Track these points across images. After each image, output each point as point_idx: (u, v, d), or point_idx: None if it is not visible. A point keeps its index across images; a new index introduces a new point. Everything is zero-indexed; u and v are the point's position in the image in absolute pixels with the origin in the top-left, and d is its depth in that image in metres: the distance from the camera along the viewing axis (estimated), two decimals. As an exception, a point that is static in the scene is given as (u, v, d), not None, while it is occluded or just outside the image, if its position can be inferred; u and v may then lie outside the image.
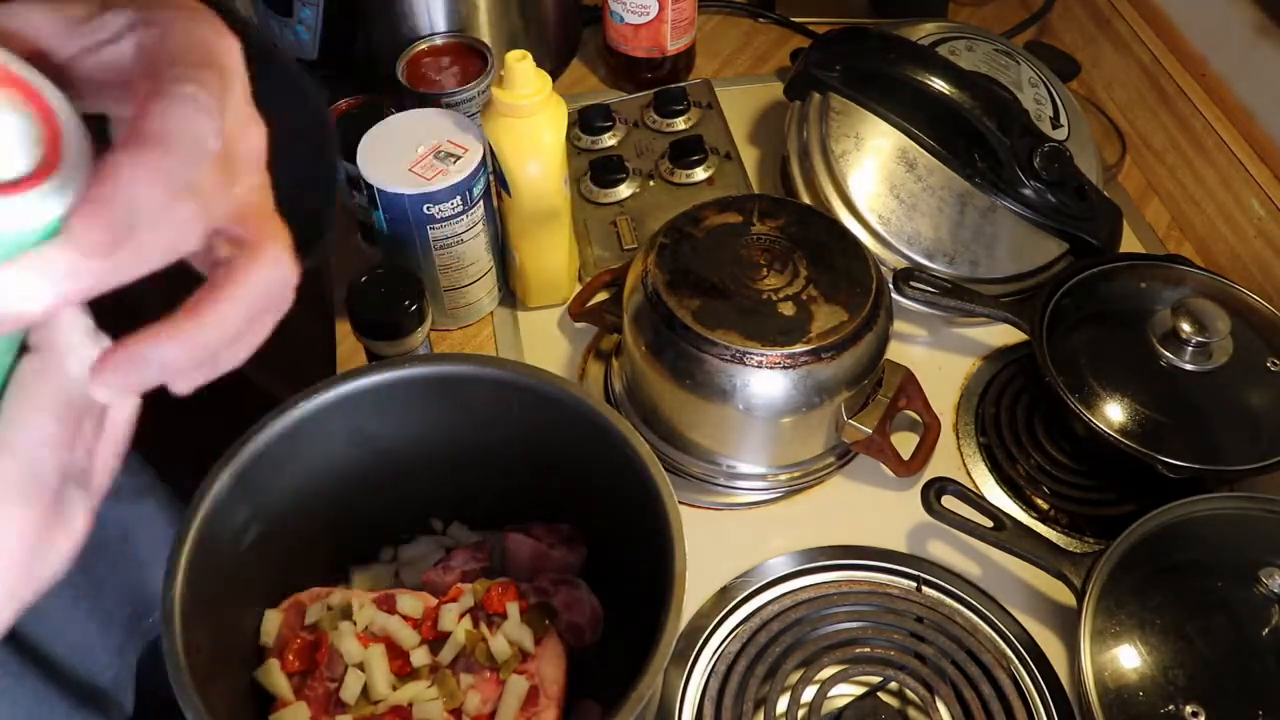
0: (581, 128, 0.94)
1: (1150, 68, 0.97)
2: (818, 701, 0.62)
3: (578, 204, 0.89)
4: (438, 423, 0.60)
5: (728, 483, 0.74)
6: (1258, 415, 0.73)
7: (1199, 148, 0.91)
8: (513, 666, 0.56)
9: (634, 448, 0.53)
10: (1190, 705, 0.59)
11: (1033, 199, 0.81)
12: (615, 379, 0.79)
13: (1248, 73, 0.89)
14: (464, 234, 0.77)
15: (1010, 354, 0.83)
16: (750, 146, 0.98)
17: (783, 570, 0.69)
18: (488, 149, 0.75)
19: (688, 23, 0.99)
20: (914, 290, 0.79)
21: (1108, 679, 0.61)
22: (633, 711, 0.45)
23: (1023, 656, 0.66)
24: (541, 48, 1.01)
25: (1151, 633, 0.62)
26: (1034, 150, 0.80)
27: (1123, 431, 0.70)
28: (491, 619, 0.58)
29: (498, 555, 0.64)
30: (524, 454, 0.60)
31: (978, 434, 0.78)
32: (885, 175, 0.82)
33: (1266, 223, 0.85)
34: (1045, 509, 0.74)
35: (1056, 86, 0.90)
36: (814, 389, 0.68)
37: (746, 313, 0.68)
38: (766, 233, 0.72)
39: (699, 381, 0.68)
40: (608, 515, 0.58)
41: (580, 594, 0.60)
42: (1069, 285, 0.78)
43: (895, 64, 0.82)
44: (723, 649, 0.65)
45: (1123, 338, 0.75)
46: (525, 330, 0.84)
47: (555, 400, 0.56)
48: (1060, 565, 0.65)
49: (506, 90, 0.71)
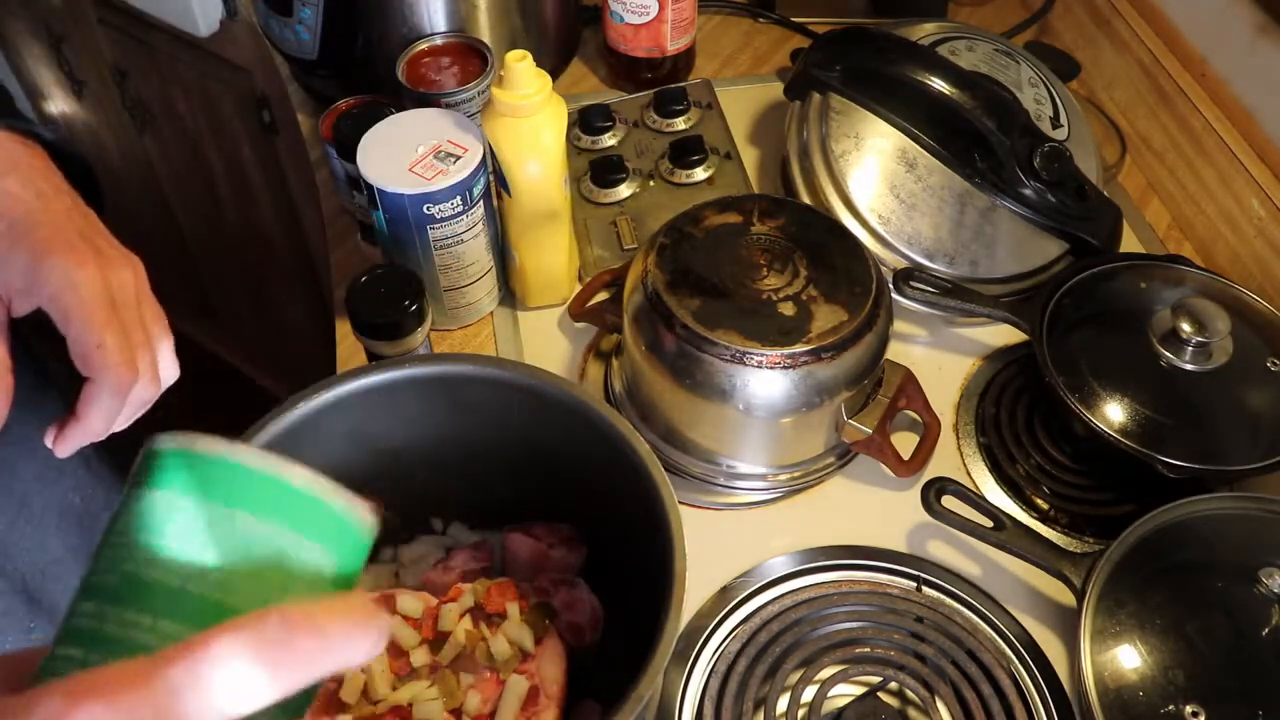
0: (581, 128, 0.94)
1: (1150, 68, 0.97)
2: (818, 701, 0.62)
3: (578, 204, 0.89)
4: (438, 423, 0.60)
5: (728, 483, 0.74)
6: (1258, 415, 0.73)
7: (1199, 148, 0.91)
8: (513, 666, 0.56)
9: (634, 448, 0.53)
10: (1190, 705, 0.59)
11: (1033, 199, 0.81)
12: (615, 379, 0.79)
13: (1248, 73, 0.89)
14: (464, 234, 0.77)
15: (1010, 354, 0.83)
16: (750, 146, 0.98)
17: (783, 570, 0.69)
18: (488, 149, 0.75)
19: (688, 23, 0.99)
20: (914, 290, 0.78)
21: (1108, 679, 0.61)
22: (633, 711, 0.45)
23: (1023, 656, 0.66)
24: (541, 48, 1.01)
25: (1151, 633, 0.62)
26: (1034, 150, 0.80)
27: (1123, 431, 0.70)
28: (491, 619, 0.58)
29: (498, 555, 0.64)
30: (524, 454, 0.60)
31: (978, 434, 0.78)
32: (885, 175, 0.82)
33: (1266, 223, 0.85)
34: (1045, 509, 0.74)
35: (1056, 86, 0.90)
36: (814, 389, 0.68)
37: (746, 313, 0.68)
38: (766, 233, 0.72)
39: (699, 381, 0.68)
40: (608, 515, 0.58)
41: (580, 594, 0.60)
42: (1069, 285, 0.78)
43: (895, 64, 0.82)
44: (723, 649, 0.65)
45: (1123, 338, 0.75)
46: (525, 330, 0.84)
47: (555, 400, 0.56)
48: (1060, 565, 0.65)
49: (506, 90, 0.71)
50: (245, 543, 0.28)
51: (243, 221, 1.53)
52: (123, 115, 1.52)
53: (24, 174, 0.55)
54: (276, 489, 0.29)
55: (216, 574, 0.27)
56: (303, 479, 0.29)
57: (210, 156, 1.47)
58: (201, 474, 0.28)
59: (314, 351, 1.52)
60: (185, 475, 0.28)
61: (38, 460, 0.76)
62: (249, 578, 0.28)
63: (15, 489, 0.75)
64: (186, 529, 0.28)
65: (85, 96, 1.59)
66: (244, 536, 0.28)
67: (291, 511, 0.29)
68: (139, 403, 0.55)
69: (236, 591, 0.27)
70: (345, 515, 0.30)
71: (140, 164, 1.61)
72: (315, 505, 0.29)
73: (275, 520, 0.28)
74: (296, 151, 1.23)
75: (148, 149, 1.57)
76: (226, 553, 0.28)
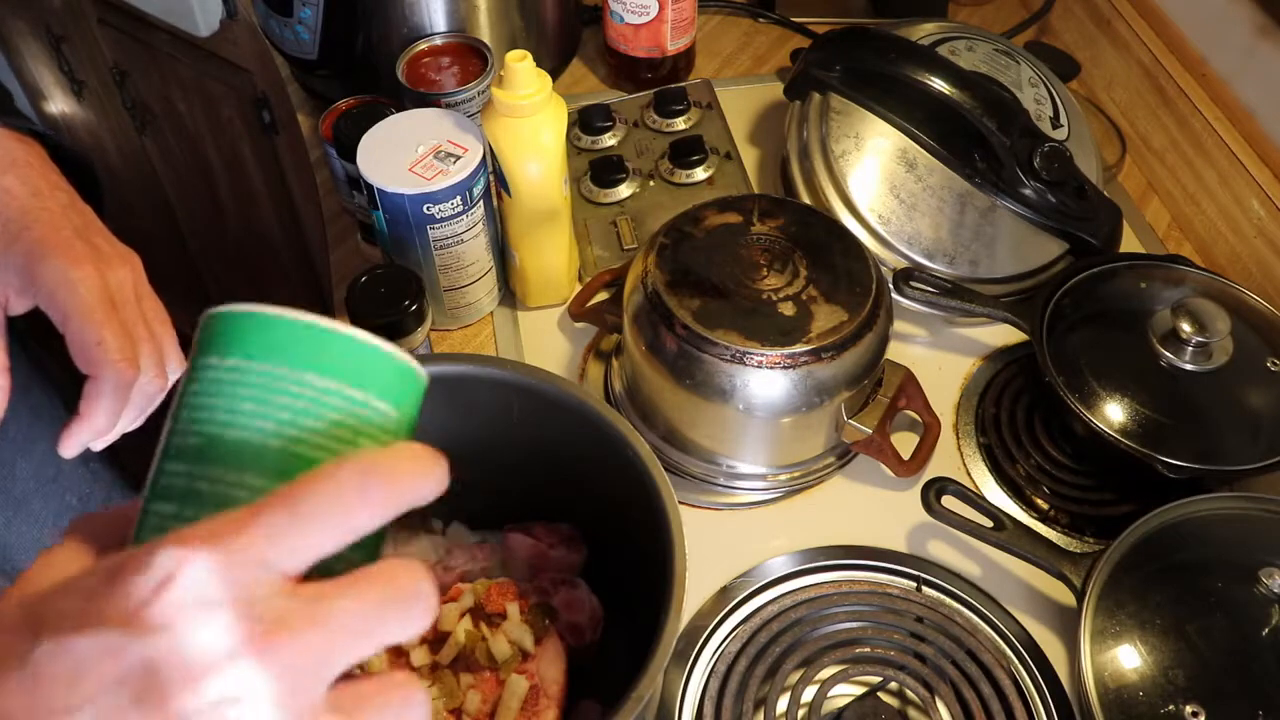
0: (581, 128, 0.94)
1: (1150, 68, 0.97)
2: (818, 701, 0.62)
3: (578, 204, 0.89)
4: (438, 423, 0.60)
5: (728, 483, 0.74)
6: (1258, 415, 0.73)
7: (1199, 148, 0.91)
8: (513, 666, 0.56)
9: (634, 448, 0.53)
10: (1190, 705, 0.59)
11: (1033, 199, 0.81)
12: (615, 379, 0.79)
13: (1248, 73, 0.89)
14: (464, 234, 0.77)
15: (1010, 354, 0.83)
16: (750, 146, 0.98)
17: (783, 570, 0.69)
18: (488, 149, 0.75)
19: (688, 23, 0.99)
20: (914, 290, 0.78)
21: (1108, 679, 0.61)
22: (633, 711, 0.45)
23: (1023, 656, 0.66)
24: (541, 48, 1.01)
25: (1151, 633, 0.62)
26: (1034, 150, 0.80)
27: (1123, 431, 0.70)
28: (491, 619, 0.58)
29: (498, 555, 0.64)
30: (524, 454, 0.60)
31: (978, 434, 0.78)
32: (885, 175, 0.82)
33: (1266, 223, 0.85)
34: (1045, 509, 0.74)
35: (1056, 86, 0.90)
36: (814, 389, 0.68)
37: (746, 313, 0.68)
38: (766, 233, 0.72)
39: (699, 381, 0.68)
40: (608, 515, 0.58)
41: (580, 594, 0.60)
42: (1069, 285, 0.78)
43: (895, 64, 0.82)
44: (723, 649, 0.65)
45: (1123, 338, 0.75)
46: (525, 330, 0.84)
47: (555, 400, 0.56)
48: (1060, 565, 0.65)
49: (506, 90, 0.71)
50: (315, 401, 0.30)
51: (243, 221, 1.53)
52: (123, 115, 1.52)
53: (21, 171, 0.55)
54: (341, 346, 0.30)
55: (292, 430, 0.29)
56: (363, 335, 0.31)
57: (210, 156, 1.47)
58: (268, 338, 0.30)
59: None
60: (254, 339, 0.30)
61: (35, 460, 0.76)
62: (322, 433, 0.30)
63: (13, 489, 0.75)
64: (260, 392, 0.30)
65: (85, 96, 1.58)
66: (314, 395, 0.30)
67: (356, 368, 0.30)
68: (147, 398, 0.55)
69: (313, 445, 0.30)
70: (403, 366, 0.32)
71: (140, 164, 1.61)
72: (377, 359, 0.31)
73: (341, 378, 0.30)
74: (296, 151, 1.23)
75: (148, 149, 1.57)
76: (299, 412, 0.30)
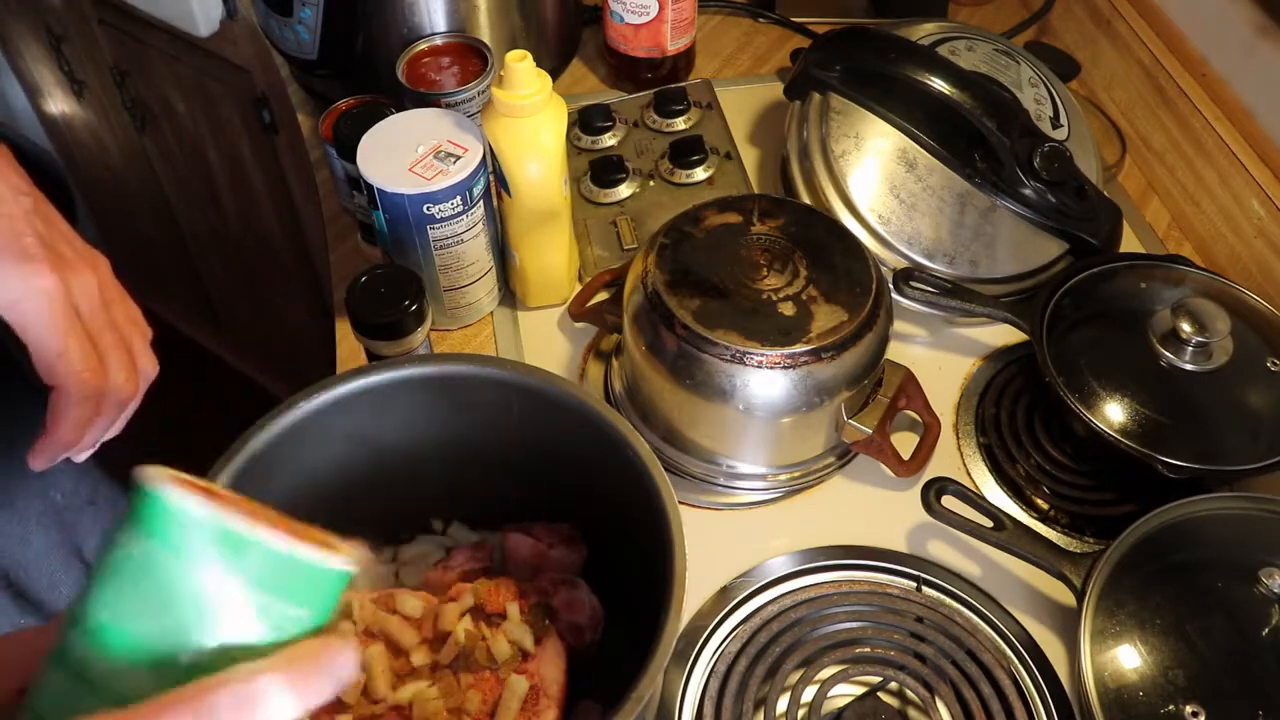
0: (581, 128, 0.94)
1: (1150, 68, 0.97)
2: (818, 701, 0.62)
3: (578, 204, 0.89)
4: (438, 423, 0.60)
5: (728, 483, 0.74)
6: (1258, 415, 0.73)
7: (1199, 148, 0.91)
8: (513, 666, 0.56)
9: (634, 448, 0.53)
10: (1190, 705, 0.59)
11: (1033, 199, 0.81)
12: (615, 379, 0.79)
13: (1248, 73, 0.89)
14: (464, 234, 0.77)
15: (1010, 354, 0.83)
16: (750, 146, 0.98)
17: (783, 570, 0.69)
18: (488, 149, 0.75)
19: (688, 23, 0.99)
20: (914, 290, 0.78)
21: (1108, 679, 0.61)
22: (633, 711, 0.45)
23: (1023, 656, 0.66)
24: (541, 48, 1.01)
25: (1151, 633, 0.62)
26: (1034, 150, 0.80)
27: (1123, 431, 0.70)
28: (491, 619, 0.58)
29: (498, 555, 0.64)
30: (524, 454, 0.60)
31: (978, 434, 0.78)
32: (885, 175, 0.82)
33: (1266, 223, 0.85)
34: (1045, 509, 0.74)
35: (1056, 86, 0.90)
36: (814, 389, 0.68)
37: (746, 313, 0.68)
38: (766, 233, 0.72)
39: (699, 381, 0.68)
40: (608, 515, 0.58)
41: (580, 594, 0.60)
42: (1069, 285, 0.78)
43: (895, 64, 0.82)
44: (723, 649, 0.65)
45: (1123, 338, 0.75)
46: (525, 330, 0.84)
47: (555, 400, 0.56)
48: (1060, 565, 0.65)
49: (506, 90, 0.71)
50: (238, 608, 0.32)
51: (243, 221, 1.54)
52: (123, 115, 1.52)
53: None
54: (268, 558, 0.32)
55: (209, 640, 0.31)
56: (290, 546, 0.32)
57: (210, 156, 1.47)
58: (196, 535, 0.31)
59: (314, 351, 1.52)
60: (177, 533, 0.31)
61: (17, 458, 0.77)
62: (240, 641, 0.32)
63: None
64: (174, 589, 0.31)
65: (85, 96, 1.59)
66: (237, 603, 0.32)
67: (279, 580, 0.32)
68: (119, 405, 0.54)
69: (224, 650, 0.31)
70: (326, 572, 0.34)
71: (140, 164, 1.61)
72: (301, 569, 0.33)
73: (266, 591, 0.32)
74: (296, 151, 1.23)
75: (148, 149, 1.57)
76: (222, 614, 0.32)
